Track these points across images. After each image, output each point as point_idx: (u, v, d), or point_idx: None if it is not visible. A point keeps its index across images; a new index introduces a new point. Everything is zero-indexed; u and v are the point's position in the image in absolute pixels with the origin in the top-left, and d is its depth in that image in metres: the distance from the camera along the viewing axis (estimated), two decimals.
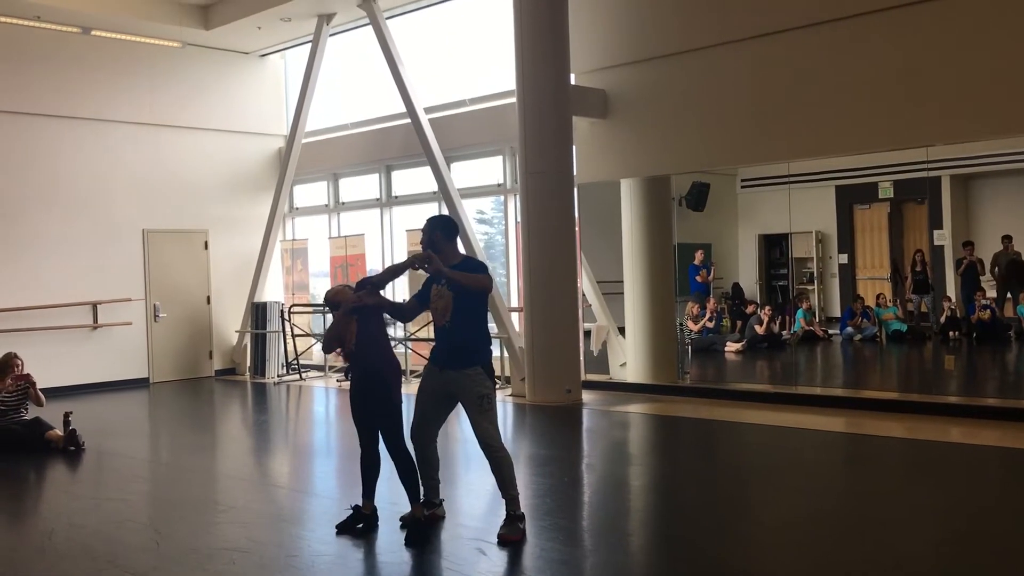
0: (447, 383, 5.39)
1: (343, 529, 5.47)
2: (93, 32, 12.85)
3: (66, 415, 8.53)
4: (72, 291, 12.80)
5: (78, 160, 13.00)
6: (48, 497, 7.36)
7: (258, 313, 14.08)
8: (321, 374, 13.71)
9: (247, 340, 14.28)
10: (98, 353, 13.07)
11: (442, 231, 5.50)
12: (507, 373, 11.48)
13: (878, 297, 13.76)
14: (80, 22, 12.62)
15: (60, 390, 11.20)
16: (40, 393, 8.80)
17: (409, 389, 5.91)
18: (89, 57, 13.08)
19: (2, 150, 12.30)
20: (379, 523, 5.57)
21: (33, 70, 12.57)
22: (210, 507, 6.55)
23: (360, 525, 5.50)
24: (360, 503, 5.61)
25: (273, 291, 14.63)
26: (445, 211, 12.44)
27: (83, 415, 9.04)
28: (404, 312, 5.80)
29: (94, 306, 13.04)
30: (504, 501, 5.37)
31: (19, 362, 8.78)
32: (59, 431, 8.49)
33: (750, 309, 14.24)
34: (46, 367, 10.56)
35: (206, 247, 14.33)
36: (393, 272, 5.67)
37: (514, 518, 5.33)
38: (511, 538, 5.21)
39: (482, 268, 5.48)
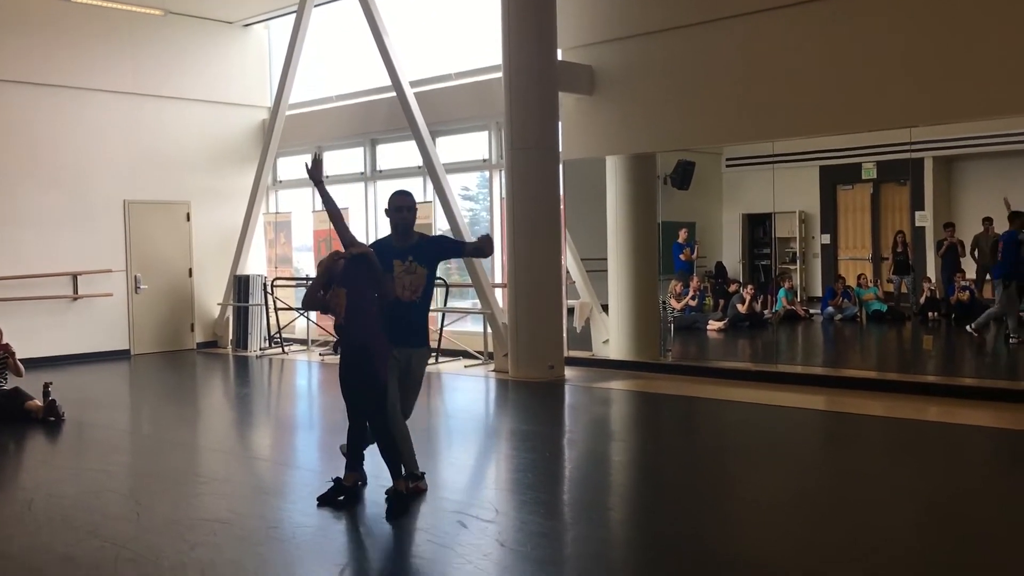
0: (407, 360, 5.55)
1: (324, 501, 5.48)
2: None
3: (46, 386, 8.48)
4: (52, 262, 12.69)
5: (57, 129, 12.84)
6: (27, 467, 7.32)
7: (241, 286, 14.01)
8: (304, 348, 13.68)
9: (229, 313, 14.22)
10: (78, 324, 12.98)
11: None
12: (490, 349, 11.50)
13: (859, 277, 13.85)
14: None
15: (40, 361, 11.13)
16: (20, 363, 8.75)
17: None
18: (70, 23, 12.89)
19: None
20: (361, 496, 5.58)
21: (11, 36, 12.37)
22: (191, 479, 6.54)
23: (341, 497, 5.50)
24: (341, 475, 5.61)
25: (256, 264, 14.55)
26: (431, 186, 12.41)
27: (63, 386, 8.99)
28: (388, 291, 5.50)
29: (74, 277, 12.94)
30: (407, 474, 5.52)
31: None
32: (39, 402, 8.45)
33: (732, 288, 14.30)
34: (26, 338, 10.49)
35: (188, 219, 14.22)
36: (339, 221, 5.66)
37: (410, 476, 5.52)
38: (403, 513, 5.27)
39: (460, 242, 5.64)
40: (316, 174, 5.72)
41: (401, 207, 5.56)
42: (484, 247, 5.61)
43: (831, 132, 10.23)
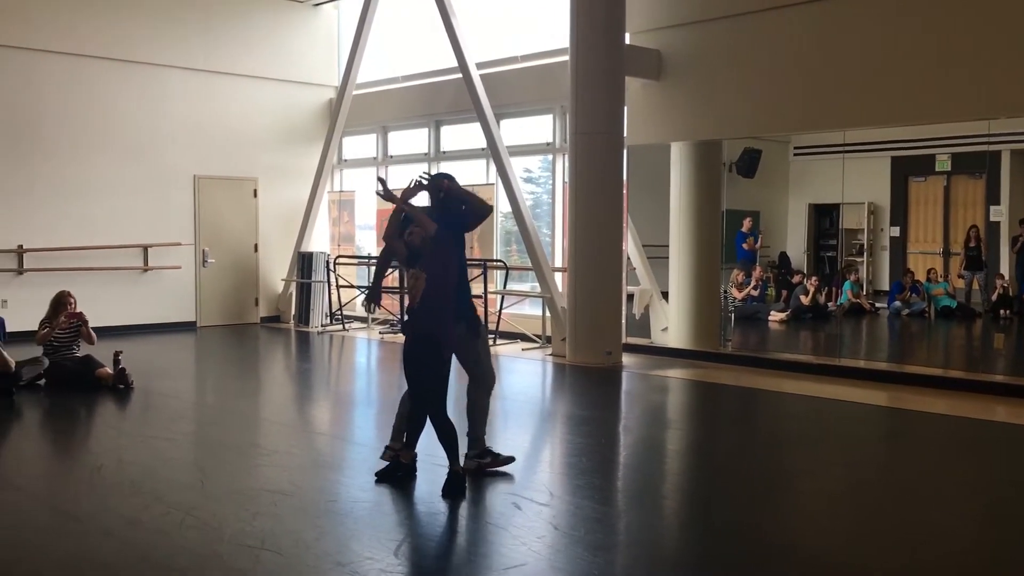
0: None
1: (382, 477, 5.56)
2: None
3: (116, 354, 8.73)
4: (124, 233, 13.03)
5: (133, 104, 13.15)
6: (97, 433, 7.57)
7: (304, 263, 14.23)
8: (364, 325, 13.85)
9: (292, 289, 14.46)
10: (148, 295, 13.33)
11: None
12: (548, 333, 11.51)
13: (929, 272, 13.52)
14: None
15: (110, 330, 11.44)
16: (92, 331, 9.02)
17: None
18: (147, 2, 13.17)
19: (60, 92, 12.48)
20: (417, 473, 5.65)
21: (92, 13, 12.69)
22: (253, 450, 6.69)
23: (400, 474, 5.58)
24: (397, 450, 5.66)
25: (319, 242, 14.76)
26: (493, 169, 12.43)
27: (132, 355, 9.24)
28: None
29: (145, 249, 13.28)
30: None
31: (72, 300, 8.98)
32: (109, 369, 8.70)
33: (796, 279, 14.08)
34: (98, 307, 10.81)
35: (255, 195, 14.48)
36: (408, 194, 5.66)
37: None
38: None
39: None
40: (389, 195, 5.75)
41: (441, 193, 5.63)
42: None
43: (907, 123, 9.97)
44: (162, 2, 13.32)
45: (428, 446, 6.05)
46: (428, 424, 5.44)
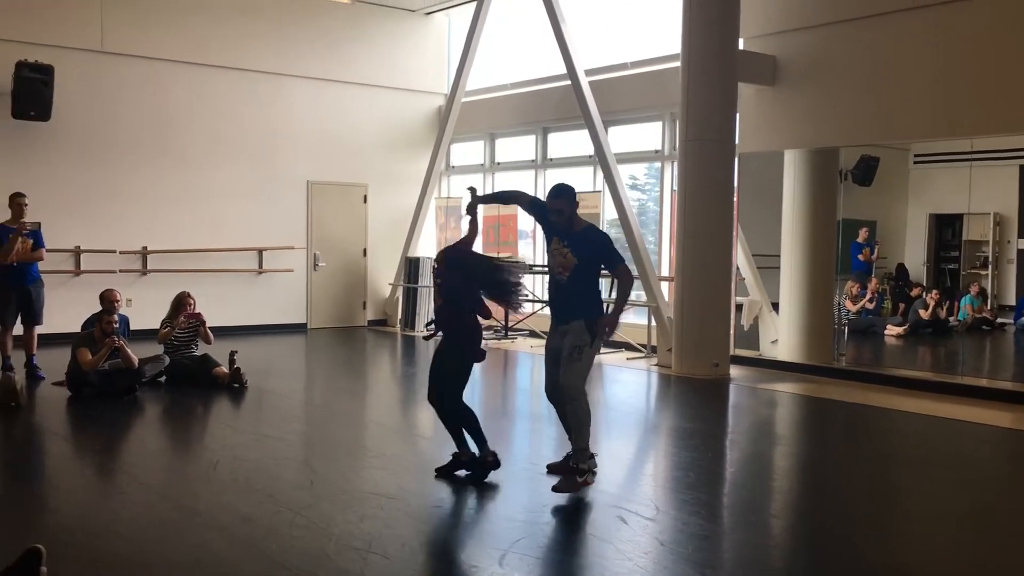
0: (560, 336, 5.64)
1: (442, 473, 5.79)
2: None
3: (232, 354, 9.03)
4: (241, 236, 13.49)
5: (252, 112, 13.61)
6: (213, 430, 7.83)
7: (411, 268, 14.45)
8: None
9: (399, 293, 14.69)
10: (262, 297, 13.76)
11: (573, 197, 5.70)
12: (654, 342, 11.36)
13: None
14: None
15: (226, 330, 11.82)
16: (209, 331, 9.35)
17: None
18: (266, 12, 13.62)
19: (182, 100, 13.01)
20: (500, 469, 5.80)
21: (214, 24, 13.19)
22: (361, 452, 6.81)
23: (461, 471, 5.78)
24: (458, 450, 5.87)
25: (426, 247, 14.96)
26: (600, 176, 12.37)
27: (246, 355, 9.53)
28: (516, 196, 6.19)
29: (260, 252, 13.71)
30: (572, 450, 5.59)
31: (192, 301, 9.33)
32: (225, 368, 9.00)
33: (915, 292, 13.51)
34: (215, 307, 11.20)
35: (365, 201, 14.78)
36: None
37: (574, 471, 5.48)
38: (566, 490, 5.40)
39: (617, 259, 5.66)
40: (472, 209, 6.09)
41: (552, 211, 5.67)
42: (625, 288, 5.69)
43: None
44: (281, 14, 13.74)
45: (530, 455, 6.05)
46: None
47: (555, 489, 5.47)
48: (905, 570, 4.52)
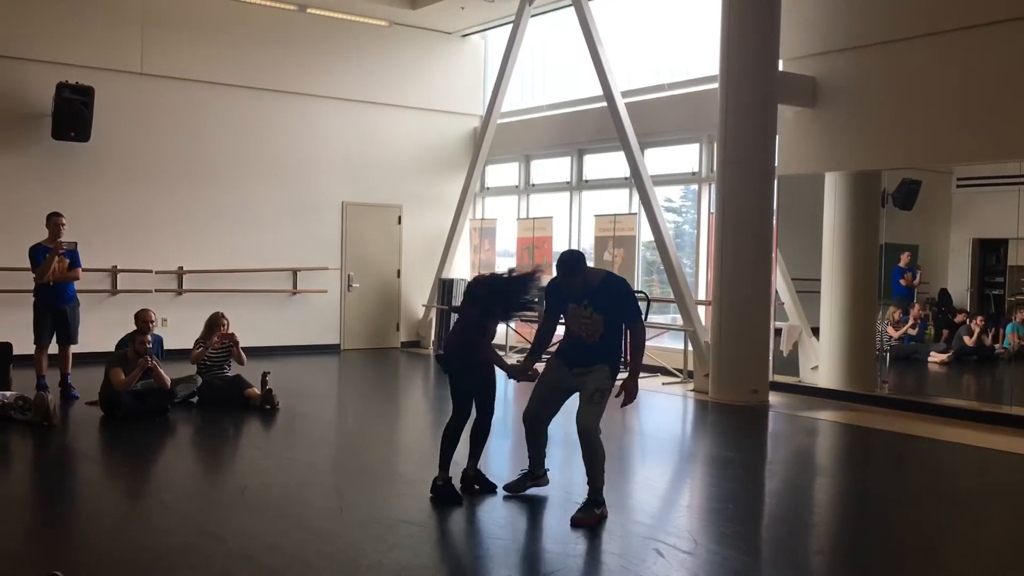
0: (572, 378, 5.58)
1: (439, 493, 5.81)
2: (309, 10, 13.46)
3: (264, 375, 8.98)
4: (276, 257, 13.51)
5: (287, 133, 13.66)
6: (243, 453, 7.77)
7: (444, 289, 14.38)
8: (501, 352, 13.81)
9: (432, 315, 14.61)
10: (295, 318, 13.75)
11: (581, 263, 5.56)
12: (690, 367, 11.17)
13: None
14: (298, 0, 13.26)
15: (259, 350, 11.81)
16: (242, 352, 9.31)
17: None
18: (303, 34, 13.69)
19: (219, 121, 13.10)
20: (493, 489, 5.96)
21: (250, 46, 13.28)
22: (391, 478, 6.70)
23: (451, 494, 5.79)
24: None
25: (460, 268, 14.90)
26: (636, 199, 12.24)
27: (279, 376, 9.48)
28: (543, 341, 6.01)
29: (294, 273, 13.71)
30: (588, 488, 5.48)
31: (225, 321, 9.31)
32: (257, 390, 8.96)
33: (959, 318, 13.19)
34: (249, 327, 11.19)
35: (399, 222, 14.76)
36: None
37: (592, 503, 5.42)
38: (585, 522, 5.30)
39: (636, 313, 5.62)
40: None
41: (564, 275, 5.56)
42: (640, 347, 5.60)
43: None
44: (317, 36, 13.81)
45: (563, 484, 5.91)
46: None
47: (574, 520, 5.32)
48: None
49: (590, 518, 5.34)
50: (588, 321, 5.48)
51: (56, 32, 11.85)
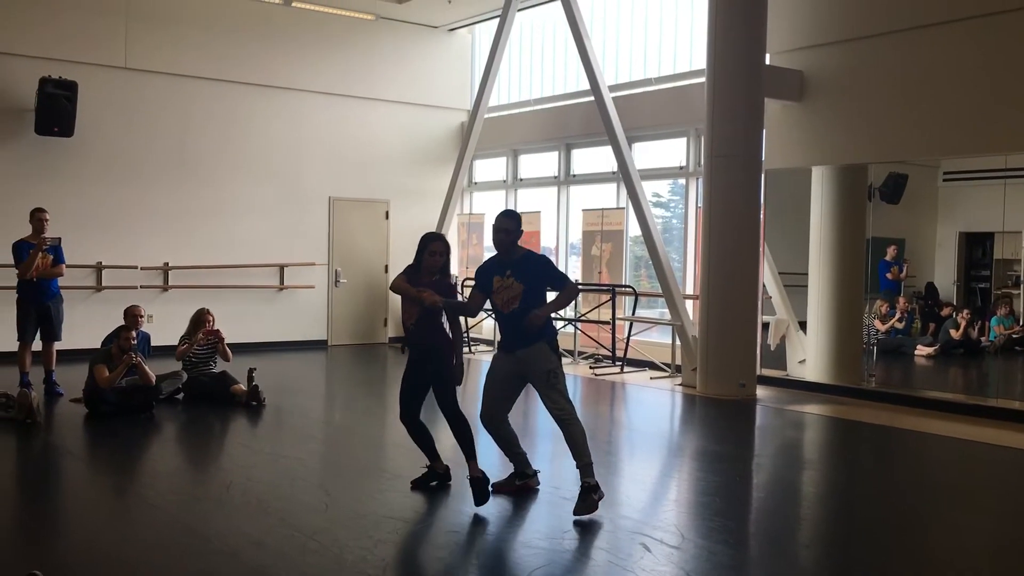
0: (516, 363, 5.66)
1: (417, 485, 5.94)
2: (294, 4, 13.37)
3: (250, 371, 8.93)
4: (262, 253, 13.44)
5: (272, 128, 13.59)
6: (228, 449, 7.72)
7: None
8: (490, 348, 13.81)
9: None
10: (282, 314, 13.69)
11: (520, 226, 5.79)
12: (678, 362, 11.17)
13: None
14: None
15: (245, 346, 11.76)
16: (228, 348, 9.25)
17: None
18: (288, 28, 13.61)
19: (204, 116, 13.01)
20: (451, 482, 6.00)
21: (235, 40, 13.19)
22: (377, 473, 6.67)
23: (434, 483, 5.96)
24: (431, 464, 6.04)
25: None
26: (623, 193, 12.22)
27: (265, 372, 9.43)
28: (470, 309, 6.17)
29: (281, 268, 13.65)
30: (577, 470, 5.50)
31: (211, 318, 9.25)
32: (243, 386, 8.91)
33: (946, 311, 13.23)
34: (235, 323, 11.14)
35: (387, 217, 14.70)
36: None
37: (588, 489, 5.41)
38: (587, 512, 5.33)
39: (564, 279, 5.88)
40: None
41: (499, 230, 5.71)
42: (567, 295, 5.84)
43: None
44: (303, 30, 13.73)
45: (551, 479, 5.89)
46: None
47: (576, 513, 5.34)
48: None
49: (591, 507, 5.35)
50: (508, 290, 5.63)
51: (39, 26, 11.74)
